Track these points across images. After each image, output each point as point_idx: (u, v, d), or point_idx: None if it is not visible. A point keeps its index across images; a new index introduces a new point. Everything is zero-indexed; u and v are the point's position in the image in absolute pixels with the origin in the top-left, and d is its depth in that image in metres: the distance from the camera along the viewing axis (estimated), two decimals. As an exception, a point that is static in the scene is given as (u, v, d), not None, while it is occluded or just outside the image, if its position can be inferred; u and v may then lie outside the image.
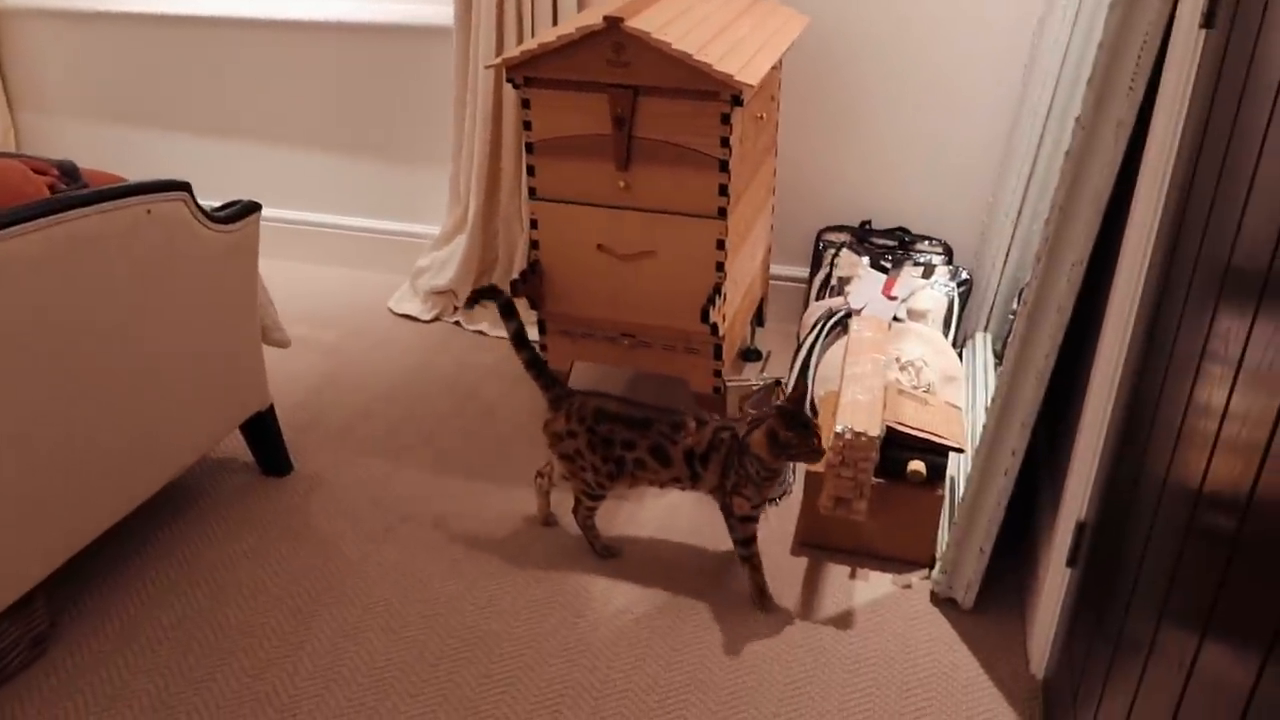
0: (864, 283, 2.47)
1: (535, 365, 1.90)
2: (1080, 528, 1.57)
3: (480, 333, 2.85)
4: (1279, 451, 0.79)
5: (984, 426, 1.73)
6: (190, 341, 1.89)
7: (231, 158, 3.25)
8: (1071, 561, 1.60)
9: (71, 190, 1.97)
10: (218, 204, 1.93)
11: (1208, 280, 1.10)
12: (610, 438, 1.83)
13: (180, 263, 1.81)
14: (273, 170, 3.22)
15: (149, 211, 1.71)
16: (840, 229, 2.73)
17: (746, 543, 1.83)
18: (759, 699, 1.66)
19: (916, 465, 1.87)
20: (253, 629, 1.80)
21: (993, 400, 1.71)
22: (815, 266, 2.71)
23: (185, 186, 1.79)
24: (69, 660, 1.73)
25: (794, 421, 1.71)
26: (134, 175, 2.94)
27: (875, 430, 1.79)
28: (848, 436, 1.78)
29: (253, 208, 1.98)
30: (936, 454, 1.88)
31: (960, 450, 1.90)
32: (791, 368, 2.40)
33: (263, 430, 2.18)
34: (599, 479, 1.87)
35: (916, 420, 1.90)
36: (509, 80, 2.06)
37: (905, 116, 2.60)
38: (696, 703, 1.65)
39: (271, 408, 2.17)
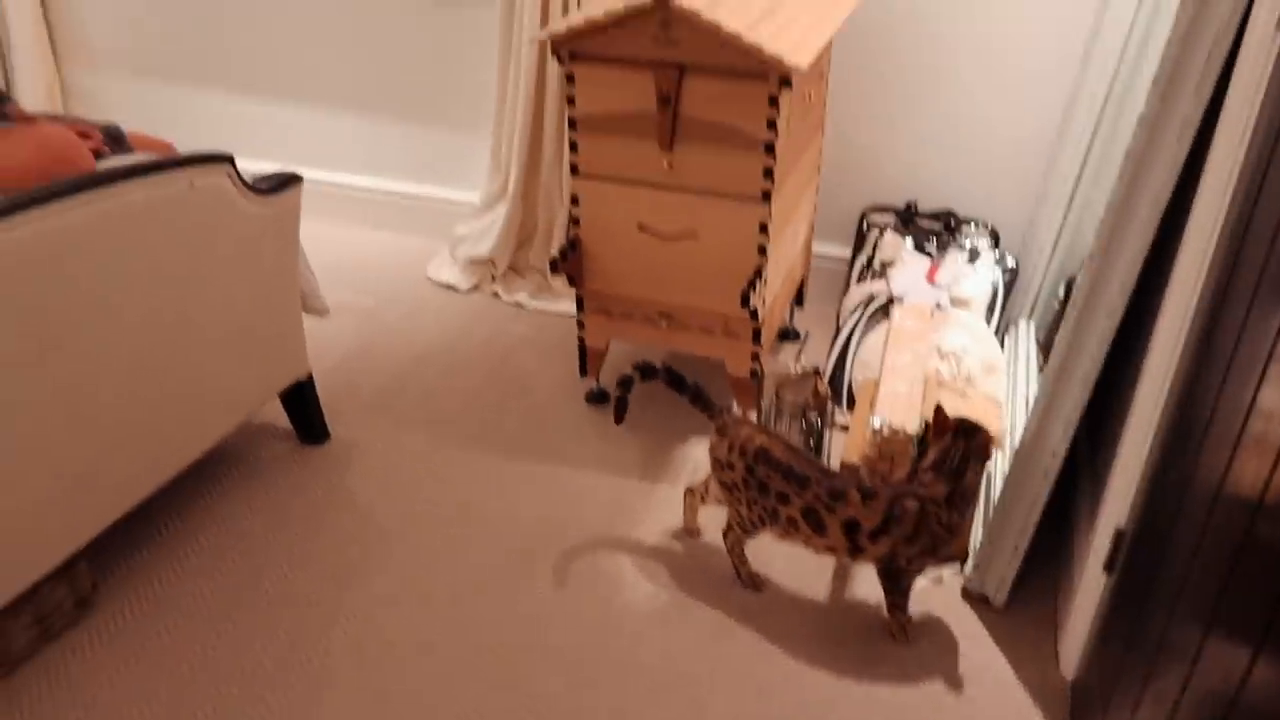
0: (907, 267, 2.43)
1: (698, 399, 1.83)
2: (1119, 535, 1.55)
3: (518, 305, 2.85)
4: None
5: (1025, 427, 1.70)
6: (231, 311, 1.90)
7: (275, 118, 3.25)
8: (1109, 567, 1.58)
9: (116, 155, 1.98)
10: (259, 164, 1.93)
11: (1277, 283, 1.06)
12: (766, 484, 1.71)
13: (222, 234, 1.82)
14: (315, 131, 3.22)
15: (192, 185, 1.71)
16: (885, 209, 2.68)
17: (904, 593, 1.75)
18: (783, 691, 1.67)
19: (954, 460, 1.84)
20: (291, 598, 1.83)
21: (1035, 401, 1.68)
22: (858, 247, 2.67)
23: (228, 159, 1.79)
24: (112, 623, 1.77)
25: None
26: (176, 133, 2.96)
27: (912, 427, 1.77)
28: (885, 432, 1.76)
29: (294, 179, 1.98)
30: (975, 449, 1.86)
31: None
32: (829, 354, 2.37)
33: (301, 399, 2.20)
34: (752, 518, 1.77)
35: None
36: (554, 55, 2.03)
37: (957, 96, 2.54)
38: (743, 692, 1.66)
39: (310, 376, 2.19)
